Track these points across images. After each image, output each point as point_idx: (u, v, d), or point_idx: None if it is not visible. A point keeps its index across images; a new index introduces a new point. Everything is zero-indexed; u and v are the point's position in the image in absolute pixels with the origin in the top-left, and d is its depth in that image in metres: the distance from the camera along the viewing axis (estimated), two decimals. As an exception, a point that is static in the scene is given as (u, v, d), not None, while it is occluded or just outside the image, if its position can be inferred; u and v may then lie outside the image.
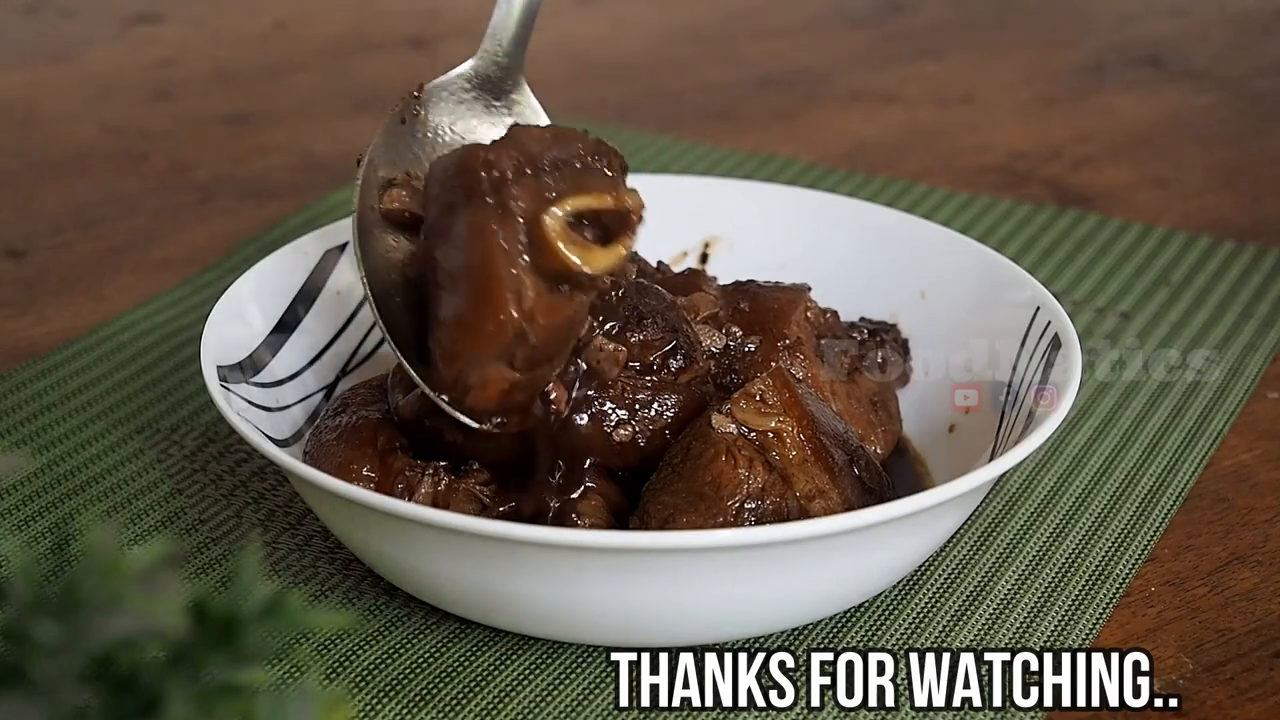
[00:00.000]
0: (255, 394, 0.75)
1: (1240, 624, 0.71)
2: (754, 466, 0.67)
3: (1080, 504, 0.78)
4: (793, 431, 0.68)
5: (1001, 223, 1.06)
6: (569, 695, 0.66)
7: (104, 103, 1.27)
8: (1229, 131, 1.23)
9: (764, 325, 0.76)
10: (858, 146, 1.20)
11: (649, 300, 0.71)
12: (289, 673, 0.65)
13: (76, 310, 0.95)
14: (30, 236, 1.05)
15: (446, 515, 0.63)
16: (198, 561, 0.74)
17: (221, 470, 0.80)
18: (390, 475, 0.71)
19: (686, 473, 0.68)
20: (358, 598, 0.71)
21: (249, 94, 1.29)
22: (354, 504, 0.64)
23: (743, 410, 0.68)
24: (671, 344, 0.70)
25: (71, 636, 0.42)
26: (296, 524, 0.76)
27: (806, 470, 0.68)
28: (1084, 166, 1.16)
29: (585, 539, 0.62)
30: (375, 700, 0.65)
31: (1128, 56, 1.38)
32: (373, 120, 1.23)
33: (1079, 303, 0.96)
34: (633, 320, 0.70)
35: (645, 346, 0.70)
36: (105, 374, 0.88)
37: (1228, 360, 0.90)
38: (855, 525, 0.62)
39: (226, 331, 0.76)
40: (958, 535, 0.75)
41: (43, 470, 0.79)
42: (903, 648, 0.68)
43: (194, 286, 0.97)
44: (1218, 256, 1.02)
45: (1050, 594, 0.72)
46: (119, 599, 0.42)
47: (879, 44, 1.41)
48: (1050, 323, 0.76)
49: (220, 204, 1.10)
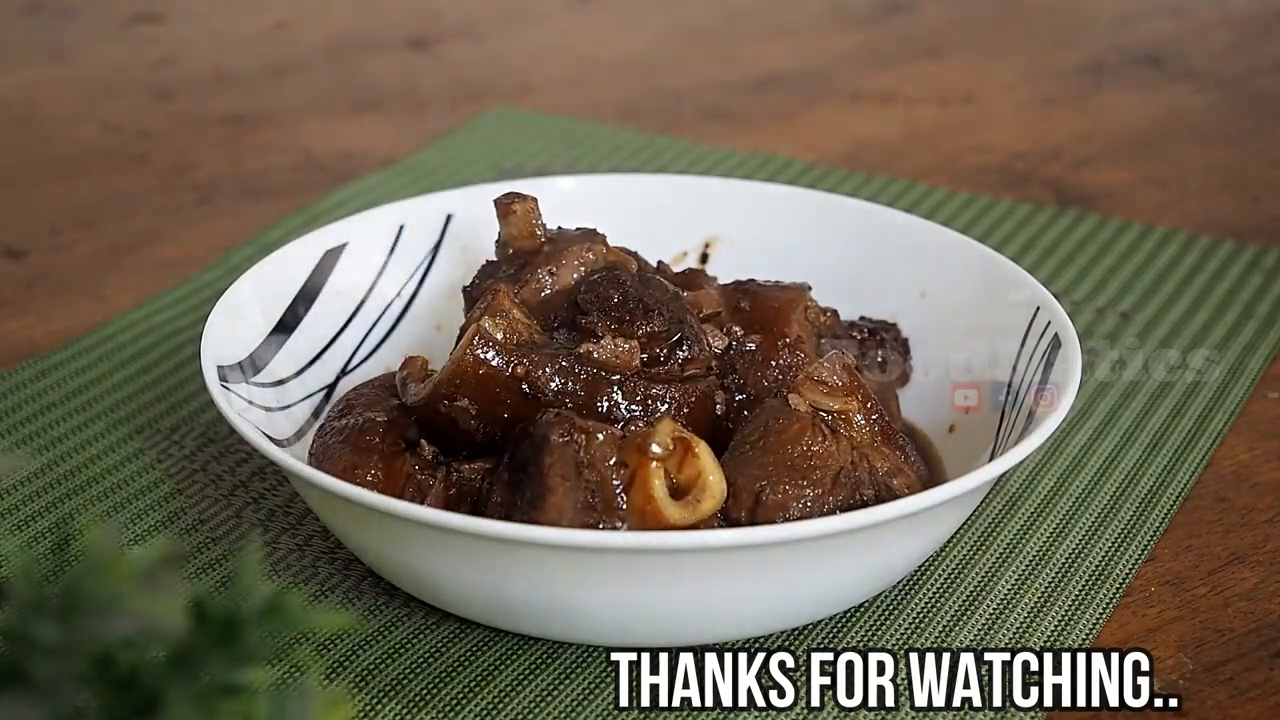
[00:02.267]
0: (255, 394, 0.75)
1: (1240, 624, 0.71)
2: (838, 439, 0.68)
3: (1080, 504, 0.78)
4: (859, 413, 0.69)
5: (1001, 223, 1.06)
6: (569, 695, 0.66)
7: (104, 103, 1.27)
8: (1229, 131, 1.23)
9: (764, 324, 0.76)
10: (858, 146, 1.19)
11: (653, 292, 0.72)
12: (289, 673, 0.65)
13: (76, 310, 0.95)
14: (30, 236, 1.04)
15: (446, 515, 0.63)
16: (198, 561, 0.73)
17: (221, 470, 0.80)
18: (397, 477, 0.71)
19: (772, 448, 0.68)
20: (358, 598, 0.71)
21: (249, 94, 1.29)
22: (354, 504, 0.64)
23: (811, 392, 0.69)
24: (678, 335, 0.71)
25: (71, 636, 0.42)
26: (296, 524, 0.76)
27: (879, 450, 0.69)
28: (1084, 166, 1.16)
29: (585, 539, 0.62)
30: (375, 700, 0.65)
31: (1128, 56, 1.38)
32: (373, 120, 1.24)
33: (1079, 303, 0.96)
34: (639, 312, 0.71)
35: (652, 338, 0.71)
36: (105, 374, 0.88)
37: (1228, 360, 0.90)
38: (855, 525, 0.63)
39: (226, 331, 0.76)
40: (958, 535, 0.75)
41: (43, 470, 0.79)
42: (903, 648, 0.68)
43: (194, 286, 0.97)
44: (1218, 257, 1.02)
45: (1050, 594, 0.72)
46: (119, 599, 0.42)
47: (879, 44, 1.40)
48: (1050, 323, 0.76)
49: (220, 204, 1.10)
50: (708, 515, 0.65)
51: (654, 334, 0.71)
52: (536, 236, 0.77)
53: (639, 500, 0.65)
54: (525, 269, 0.75)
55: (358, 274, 0.84)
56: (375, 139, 1.20)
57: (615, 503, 0.65)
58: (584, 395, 0.69)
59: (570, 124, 1.22)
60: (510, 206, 0.77)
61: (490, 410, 0.69)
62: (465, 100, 1.27)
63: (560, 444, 0.65)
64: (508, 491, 0.67)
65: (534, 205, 0.77)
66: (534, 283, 0.74)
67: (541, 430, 0.66)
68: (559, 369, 0.69)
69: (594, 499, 0.65)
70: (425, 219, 0.87)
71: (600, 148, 1.18)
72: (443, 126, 1.22)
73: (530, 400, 0.69)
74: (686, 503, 0.65)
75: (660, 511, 0.64)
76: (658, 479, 0.65)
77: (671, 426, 0.66)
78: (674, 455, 0.66)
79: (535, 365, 0.69)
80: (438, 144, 1.18)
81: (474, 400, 0.69)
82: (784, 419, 0.69)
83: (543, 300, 0.74)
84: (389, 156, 1.16)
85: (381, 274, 0.85)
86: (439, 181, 1.10)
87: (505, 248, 0.78)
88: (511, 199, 0.77)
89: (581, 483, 0.65)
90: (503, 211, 0.78)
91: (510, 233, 0.77)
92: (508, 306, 0.70)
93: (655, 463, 0.65)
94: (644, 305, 0.71)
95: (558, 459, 0.65)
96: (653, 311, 0.71)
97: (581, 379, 0.69)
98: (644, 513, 0.65)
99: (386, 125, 1.23)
